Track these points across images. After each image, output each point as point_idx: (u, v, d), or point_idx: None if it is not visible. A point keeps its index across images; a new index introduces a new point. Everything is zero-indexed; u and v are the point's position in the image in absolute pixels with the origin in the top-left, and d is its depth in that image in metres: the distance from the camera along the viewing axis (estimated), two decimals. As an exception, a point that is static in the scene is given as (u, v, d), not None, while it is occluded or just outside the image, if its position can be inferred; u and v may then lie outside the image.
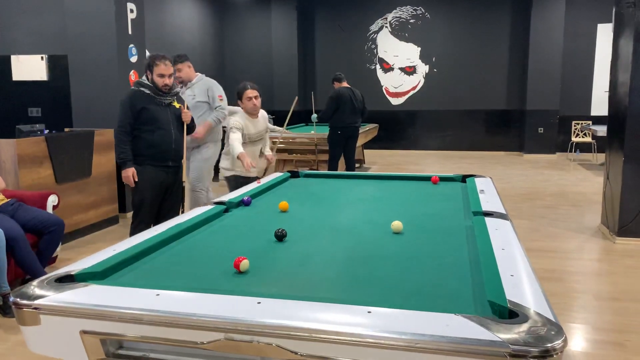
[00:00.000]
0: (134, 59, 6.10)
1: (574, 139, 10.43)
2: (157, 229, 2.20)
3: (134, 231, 3.66)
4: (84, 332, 1.45)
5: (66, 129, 5.61)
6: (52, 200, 4.12)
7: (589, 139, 10.28)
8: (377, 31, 12.27)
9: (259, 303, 1.41)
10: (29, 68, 6.82)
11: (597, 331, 3.09)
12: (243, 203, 2.84)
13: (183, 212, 3.99)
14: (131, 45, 6.04)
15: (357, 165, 8.02)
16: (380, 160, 10.57)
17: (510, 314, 1.34)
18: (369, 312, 1.34)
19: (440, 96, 12.01)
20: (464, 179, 3.57)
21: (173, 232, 2.17)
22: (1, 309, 3.32)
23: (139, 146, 3.82)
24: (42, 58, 6.91)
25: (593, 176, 8.48)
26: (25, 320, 1.49)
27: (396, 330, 1.25)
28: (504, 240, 2.00)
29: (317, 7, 12.51)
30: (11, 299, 1.51)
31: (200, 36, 11.72)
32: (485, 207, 2.56)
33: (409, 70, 12.21)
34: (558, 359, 1.16)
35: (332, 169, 6.91)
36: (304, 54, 12.60)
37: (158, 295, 1.48)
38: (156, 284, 1.60)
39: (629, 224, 4.76)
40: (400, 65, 12.25)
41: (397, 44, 12.18)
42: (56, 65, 6.91)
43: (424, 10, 11.92)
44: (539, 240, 4.93)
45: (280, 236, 2.14)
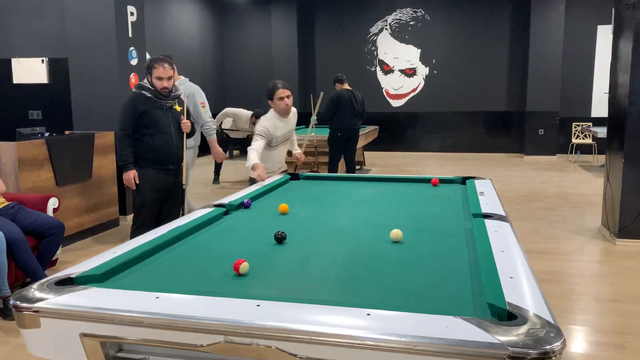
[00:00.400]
0: (134, 62, 6.11)
1: (574, 141, 10.43)
2: (157, 232, 2.20)
3: (135, 233, 3.67)
4: (83, 335, 1.45)
5: (66, 132, 5.62)
6: (53, 203, 4.12)
7: (589, 141, 10.28)
8: (377, 33, 12.29)
9: (258, 306, 1.41)
10: (30, 71, 6.84)
11: (598, 333, 3.09)
12: (243, 205, 2.84)
13: (183, 215, 4.00)
14: (131, 47, 6.05)
15: (357, 167, 8.02)
16: (380, 162, 10.58)
17: (509, 316, 1.34)
18: (368, 315, 1.34)
19: (441, 98, 12.02)
20: (463, 180, 3.57)
21: (173, 235, 2.17)
22: (1, 312, 3.33)
23: (141, 149, 3.85)
24: (43, 61, 6.92)
25: (593, 178, 8.49)
26: (25, 323, 1.49)
27: (395, 332, 1.25)
28: (503, 242, 2.00)
29: (317, 9, 12.53)
30: (11, 301, 1.51)
31: (201, 38, 11.75)
32: (484, 209, 2.56)
33: (409, 72, 12.23)
34: (557, 361, 1.16)
35: (332, 171, 6.92)
36: (304, 56, 12.62)
37: (158, 297, 1.48)
38: (156, 287, 1.60)
39: (629, 225, 4.76)
40: (401, 67, 12.26)
41: (397, 46, 12.20)
42: (56, 68, 6.93)
43: (424, 12, 11.94)
44: (539, 242, 4.93)
45: (280, 238, 2.14)
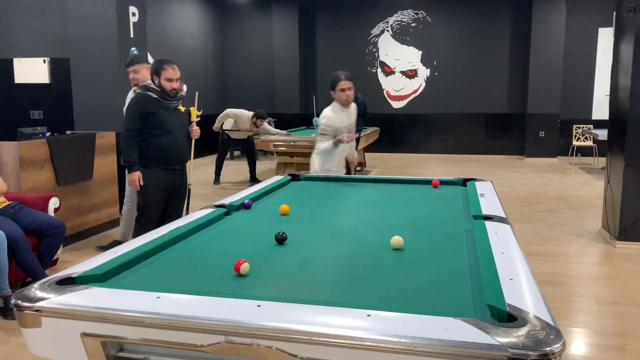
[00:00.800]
0: (135, 62, 6.11)
1: (575, 143, 10.43)
2: (158, 232, 2.20)
3: (138, 232, 3.67)
4: (84, 335, 1.45)
5: (68, 132, 5.63)
6: (54, 202, 4.13)
7: (590, 143, 10.28)
8: (379, 35, 12.30)
9: (258, 306, 1.41)
10: (31, 71, 6.85)
11: (598, 335, 3.09)
12: (244, 206, 2.84)
13: (187, 214, 4.01)
14: (133, 48, 6.06)
15: (358, 168, 8.02)
16: (381, 164, 10.58)
17: (509, 318, 1.34)
18: (368, 315, 1.34)
19: (442, 100, 12.02)
20: (464, 182, 3.57)
21: (174, 235, 2.18)
22: (2, 312, 3.33)
23: (147, 149, 3.84)
24: (44, 61, 6.94)
25: (594, 180, 8.49)
26: (27, 322, 1.50)
27: (395, 333, 1.25)
28: (503, 244, 2.01)
29: (319, 11, 12.54)
30: (12, 301, 1.51)
31: (202, 39, 11.76)
32: (485, 211, 2.57)
33: (410, 74, 12.23)
34: (556, 363, 1.16)
35: (333, 172, 6.92)
36: (305, 57, 12.63)
37: (158, 297, 1.49)
38: (157, 287, 1.60)
39: (629, 228, 4.76)
40: (402, 69, 12.27)
41: (399, 48, 12.21)
42: (58, 68, 6.94)
43: (425, 14, 11.94)
44: (540, 244, 4.93)
45: (280, 239, 2.15)
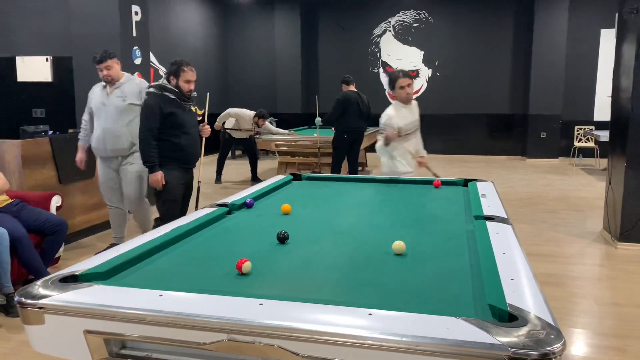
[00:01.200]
0: (138, 61, 6.13)
1: (577, 144, 10.43)
2: (161, 230, 2.21)
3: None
4: (87, 332, 1.46)
5: (70, 130, 5.64)
6: (56, 201, 4.14)
7: (591, 144, 10.28)
8: (381, 35, 12.30)
9: (261, 304, 1.42)
10: (34, 69, 6.86)
11: (598, 336, 3.09)
12: (245, 205, 2.85)
13: (197, 209, 4.06)
14: (135, 47, 6.07)
15: (359, 168, 8.03)
16: (382, 164, 10.57)
17: (510, 318, 1.35)
18: (370, 314, 1.35)
19: (443, 100, 12.02)
20: (465, 183, 3.58)
21: (176, 234, 2.19)
22: (4, 309, 3.34)
23: (167, 149, 3.89)
24: (47, 59, 6.95)
25: (595, 181, 8.48)
26: (30, 320, 1.51)
27: (397, 332, 1.26)
28: (504, 244, 2.01)
29: (321, 11, 12.55)
30: (16, 298, 1.52)
31: (204, 38, 11.77)
32: (486, 212, 2.57)
33: (412, 74, 12.22)
34: (557, 362, 1.17)
35: (336, 172, 6.93)
36: (307, 57, 12.63)
37: (161, 295, 1.49)
38: (159, 285, 1.61)
39: (630, 229, 4.76)
40: (404, 69, 12.26)
41: (401, 48, 12.21)
42: (60, 66, 6.95)
43: (427, 14, 11.94)
44: (541, 245, 4.93)
45: (282, 238, 2.15)
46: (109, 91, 4.32)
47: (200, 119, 4.48)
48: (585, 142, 10.43)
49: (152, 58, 9.34)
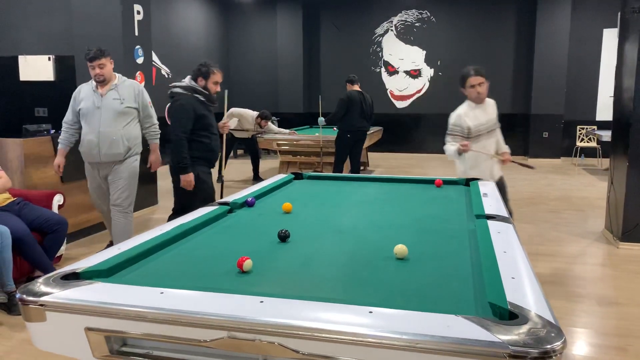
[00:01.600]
0: (140, 60, 6.14)
1: (579, 144, 10.41)
2: (162, 229, 2.21)
3: None
4: (88, 329, 1.46)
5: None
6: (58, 199, 4.15)
7: (593, 144, 10.26)
8: (383, 34, 12.30)
9: (261, 302, 1.42)
10: (36, 68, 6.86)
11: (600, 336, 3.09)
12: (247, 204, 2.85)
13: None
14: (137, 46, 6.08)
15: (361, 168, 8.04)
16: (384, 163, 10.58)
17: (510, 316, 1.35)
18: (370, 312, 1.35)
19: (445, 99, 11.99)
20: (467, 182, 3.58)
21: (177, 232, 2.19)
22: (6, 307, 3.35)
23: (198, 150, 3.93)
24: (49, 58, 6.95)
25: (597, 181, 8.47)
26: (31, 317, 1.51)
27: (397, 330, 1.26)
28: (506, 243, 2.01)
29: (323, 10, 12.55)
30: (17, 295, 1.53)
31: (206, 37, 11.78)
32: (488, 211, 2.57)
33: (414, 74, 12.23)
34: (557, 361, 1.17)
35: (338, 171, 6.94)
36: (309, 56, 12.64)
37: (162, 293, 1.50)
38: (160, 283, 1.61)
39: (632, 229, 4.75)
40: (406, 69, 12.27)
41: (403, 47, 12.21)
42: (63, 65, 6.95)
43: (429, 14, 11.94)
44: (543, 245, 4.93)
45: (283, 237, 2.15)
46: (103, 92, 4.03)
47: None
48: (588, 142, 10.42)
49: (154, 57, 9.35)
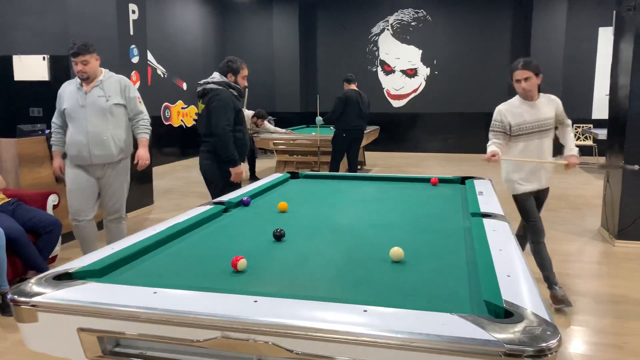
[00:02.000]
0: (135, 60, 6.12)
1: (575, 142, 10.41)
2: (156, 228, 2.20)
3: None
4: (81, 330, 1.45)
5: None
6: (53, 199, 4.13)
7: (589, 142, 10.28)
8: (379, 33, 12.29)
9: (255, 301, 1.41)
10: (31, 68, 6.83)
11: (596, 334, 3.09)
12: (242, 203, 2.84)
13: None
14: (133, 45, 6.06)
15: (358, 167, 8.03)
16: (381, 163, 10.57)
17: (506, 314, 1.34)
18: (365, 311, 1.34)
19: (442, 99, 12.02)
20: (463, 180, 3.57)
21: (172, 232, 2.18)
22: (0, 308, 3.33)
23: (235, 145, 3.91)
24: (44, 58, 6.92)
25: (593, 179, 8.48)
26: (23, 318, 1.49)
27: (392, 328, 1.25)
28: (501, 241, 2.01)
29: (319, 10, 12.54)
30: (9, 296, 1.51)
31: (202, 37, 11.75)
32: (483, 209, 2.57)
33: (411, 73, 12.23)
34: (553, 359, 1.16)
35: (334, 170, 6.93)
36: (306, 56, 12.63)
37: (155, 293, 1.49)
38: (154, 282, 1.60)
39: (628, 227, 4.76)
40: (402, 68, 12.27)
41: (399, 47, 12.21)
42: (58, 65, 6.92)
43: (425, 13, 11.94)
44: (539, 243, 4.92)
45: (278, 236, 2.14)
46: (87, 90, 3.73)
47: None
48: (584, 141, 10.43)
49: (150, 57, 9.32)
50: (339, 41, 12.50)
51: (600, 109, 10.85)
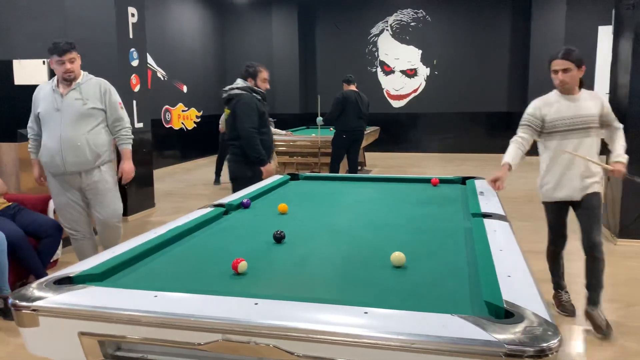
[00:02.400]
0: (135, 63, 6.12)
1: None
2: (157, 231, 2.20)
3: None
4: (82, 334, 1.45)
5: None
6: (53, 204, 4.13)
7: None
8: (378, 34, 12.30)
9: (256, 304, 1.41)
10: (31, 72, 6.83)
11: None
12: (242, 205, 2.84)
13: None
14: (132, 49, 6.07)
15: (359, 167, 8.03)
16: (381, 163, 10.57)
17: (506, 314, 1.34)
18: (365, 313, 1.34)
19: (442, 99, 12.02)
20: (463, 180, 3.57)
21: (172, 234, 2.18)
22: (2, 312, 3.33)
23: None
24: (44, 62, 6.92)
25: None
26: (24, 322, 1.50)
27: (392, 330, 1.25)
28: (502, 241, 2.01)
29: (318, 10, 12.55)
30: (10, 300, 1.51)
31: (201, 39, 11.76)
32: (484, 209, 2.56)
33: (410, 73, 12.23)
34: (553, 359, 1.16)
35: (334, 171, 6.93)
36: (305, 57, 12.63)
37: (156, 296, 1.49)
38: (154, 286, 1.60)
39: (629, 225, 4.75)
40: (401, 68, 12.27)
41: (398, 47, 12.21)
42: (58, 69, 6.93)
43: (424, 13, 11.94)
44: (540, 242, 4.89)
45: (278, 238, 2.14)
46: (64, 92, 3.47)
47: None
48: (584, 139, 10.41)
49: (150, 60, 9.33)
50: (338, 42, 12.50)
51: (601, 107, 10.84)
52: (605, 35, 10.59)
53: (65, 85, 3.48)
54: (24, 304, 1.49)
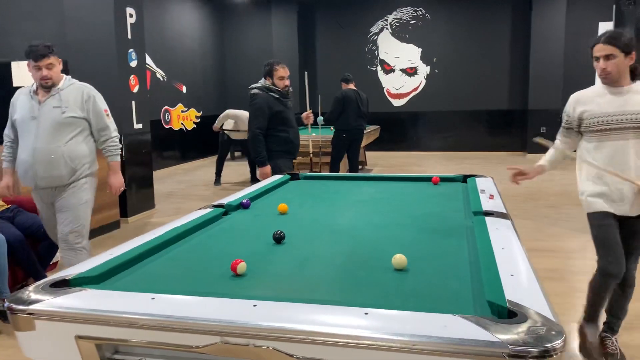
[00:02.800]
0: (133, 64, 6.10)
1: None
2: (156, 232, 2.18)
3: None
4: (79, 337, 1.43)
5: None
6: (53, 205, 4.11)
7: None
8: (378, 33, 12.27)
9: (254, 306, 1.39)
10: (29, 74, 6.84)
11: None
12: (242, 206, 2.82)
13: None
14: (131, 49, 6.05)
15: (359, 167, 8.01)
16: (382, 162, 10.55)
17: (509, 314, 1.32)
18: (366, 314, 1.32)
19: (442, 97, 11.99)
20: (464, 179, 3.55)
21: (171, 236, 2.16)
22: (3, 315, 3.31)
23: (277, 143, 4.20)
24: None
25: (596, 175, 8.43)
26: (20, 326, 1.48)
27: (393, 331, 1.23)
28: (504, 240, 1.98)
29: (318, 10, 12.52)
30: (6, 304, 1.50)
31: (201, 39, 11.74)
32: (485, 207, 2.54)
33: (410, 72, 12.20)
34: (558, 359, 1.14)
35: (334, 171, 6.91)
36: (305, 56, 12.60)
37: (153, 299, 1.47)
38: (152, 288, 1.58)
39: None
40: (402, 67, 12.24)
41: (398, 45, 12.18)
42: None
43: (424, 11, 11.91)
44: (542, 240, 4.90)
45: (278, 238, 2.12)
46: (42, 99, 3.20)
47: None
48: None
49: (149, 60, 9.32)
50: (338, 41, 12.48)
51: (602, 104, 10.81)
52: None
53: (44, 91, 3.21)
54: (20, 307, 1.47)
